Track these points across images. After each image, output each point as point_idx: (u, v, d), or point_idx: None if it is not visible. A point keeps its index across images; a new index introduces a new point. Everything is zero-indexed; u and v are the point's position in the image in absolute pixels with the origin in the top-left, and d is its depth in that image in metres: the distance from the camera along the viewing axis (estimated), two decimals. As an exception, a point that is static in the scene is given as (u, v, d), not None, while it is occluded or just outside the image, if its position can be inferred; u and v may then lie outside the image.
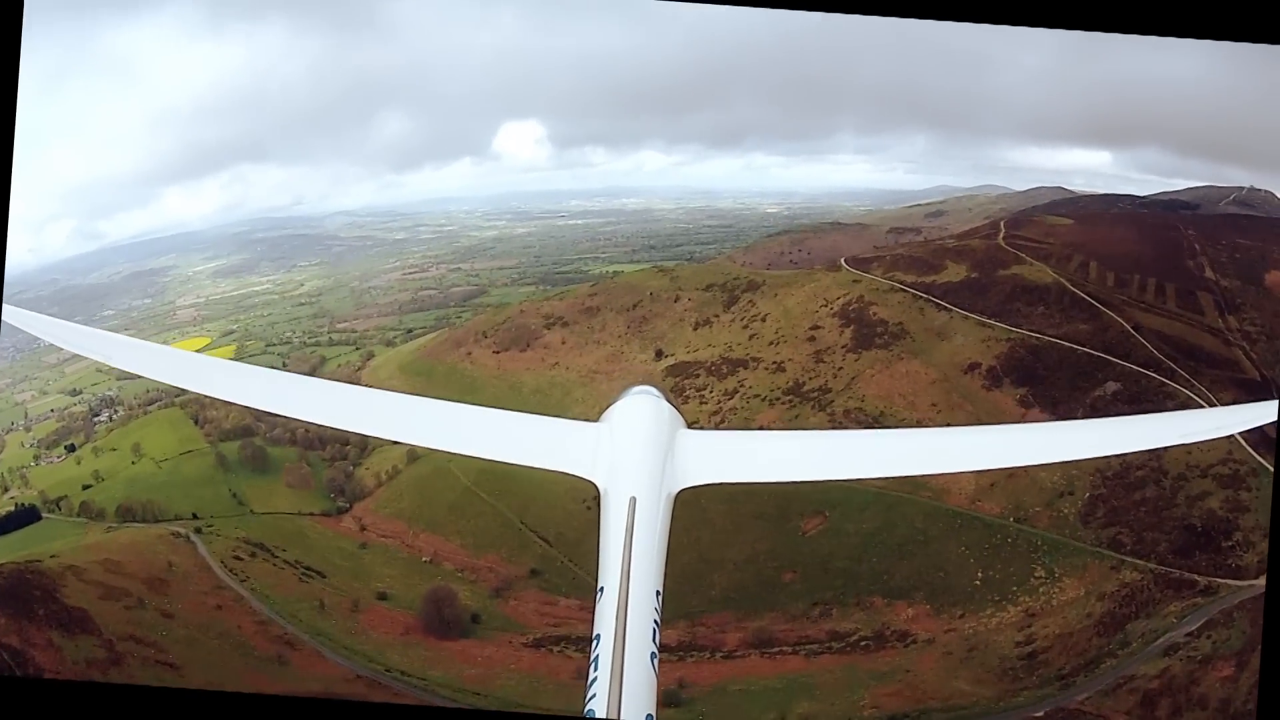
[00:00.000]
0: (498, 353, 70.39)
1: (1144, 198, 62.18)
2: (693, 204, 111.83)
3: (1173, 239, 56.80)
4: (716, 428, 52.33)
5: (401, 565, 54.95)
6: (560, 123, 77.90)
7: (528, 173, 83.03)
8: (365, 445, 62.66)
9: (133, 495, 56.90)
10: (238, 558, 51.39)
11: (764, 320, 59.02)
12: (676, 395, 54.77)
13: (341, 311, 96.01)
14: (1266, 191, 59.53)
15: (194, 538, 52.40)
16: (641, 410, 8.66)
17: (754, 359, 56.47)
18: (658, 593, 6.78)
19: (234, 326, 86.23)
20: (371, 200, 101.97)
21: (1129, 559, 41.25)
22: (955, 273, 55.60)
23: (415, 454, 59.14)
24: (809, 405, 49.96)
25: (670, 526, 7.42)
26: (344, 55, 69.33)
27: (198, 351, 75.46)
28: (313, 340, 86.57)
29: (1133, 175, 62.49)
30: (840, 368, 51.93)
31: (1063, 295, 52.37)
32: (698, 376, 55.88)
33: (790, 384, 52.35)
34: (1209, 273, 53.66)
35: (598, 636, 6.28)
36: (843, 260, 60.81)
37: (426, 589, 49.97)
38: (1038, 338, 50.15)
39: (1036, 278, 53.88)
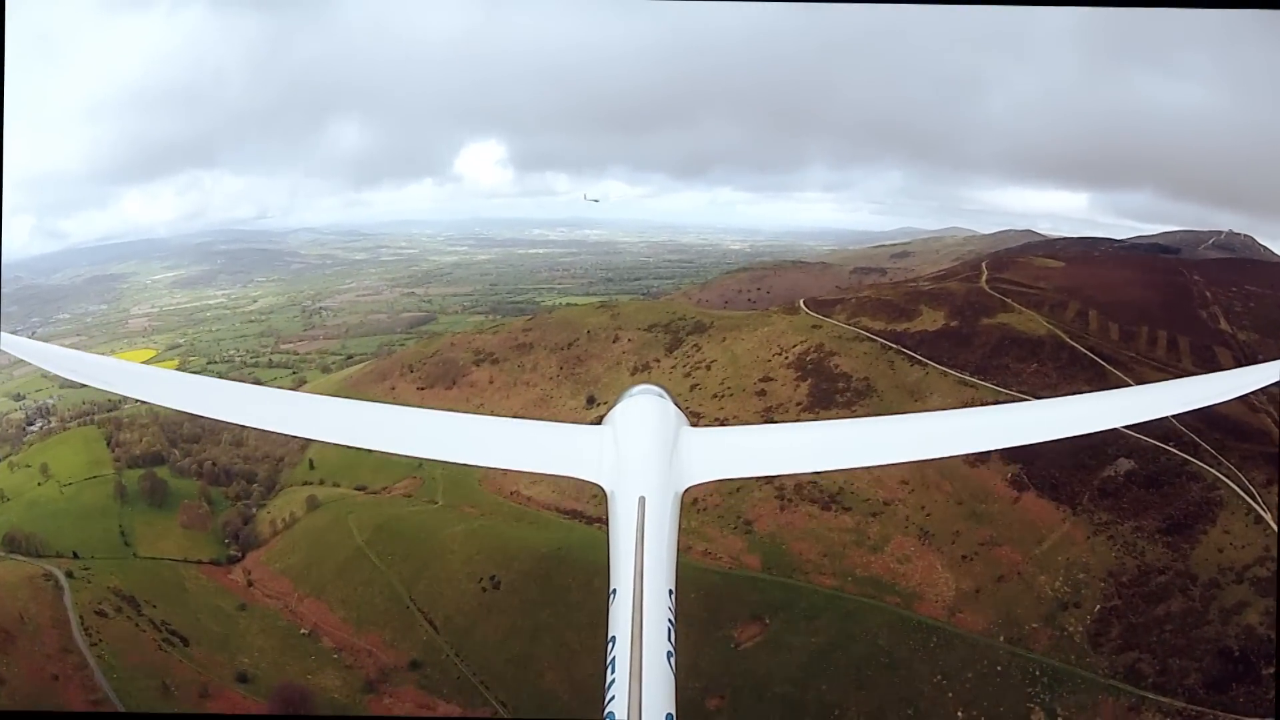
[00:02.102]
0: (422, 389, 61.74)
1: (1121, 241, 55.53)
2: (656, 237, 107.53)
3: (1179, 285, 46.72)
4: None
5: (278, 636, 45.42)
6: (521, 141, 74.75)
7: (492, 198, 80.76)
8: (272, 484, 54.89)
9: (24, 523, 49.79)
10: (100, 613, 42.44)
11: (709, 368, 47.83)
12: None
13: (289, 331, 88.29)
14: (1246, 236, 53.12)
15: (64, 582, 44.18)
16: (644, 410, 8.06)
17: (693, 414, 44.52)
18: (670, 592, 6.17)
19: (181, 340, 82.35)
20: (337, 218, 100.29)
21: (1152, 696, 30.29)
22: (931, 319, 44.22)
23: (316, 501, 51.33)
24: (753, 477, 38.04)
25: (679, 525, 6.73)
26: (288, 50, 65.30)
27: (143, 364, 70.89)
28: (253, 360, 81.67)
29: (1102, 219, 58.28)
30: (793, 430, 39.82)
31: (1059, 350, 41.25)
32: (629, 431, 43.91)
33: (733, 448, 40.21)
34: (1224, 324, 44.52)
35: (613, 639, 5.85)
36: (801, 301, 49.03)
37: (279, 684, 38.70)
38: (1032, 401, 38.22)
39: (1028, 328, 42.60)
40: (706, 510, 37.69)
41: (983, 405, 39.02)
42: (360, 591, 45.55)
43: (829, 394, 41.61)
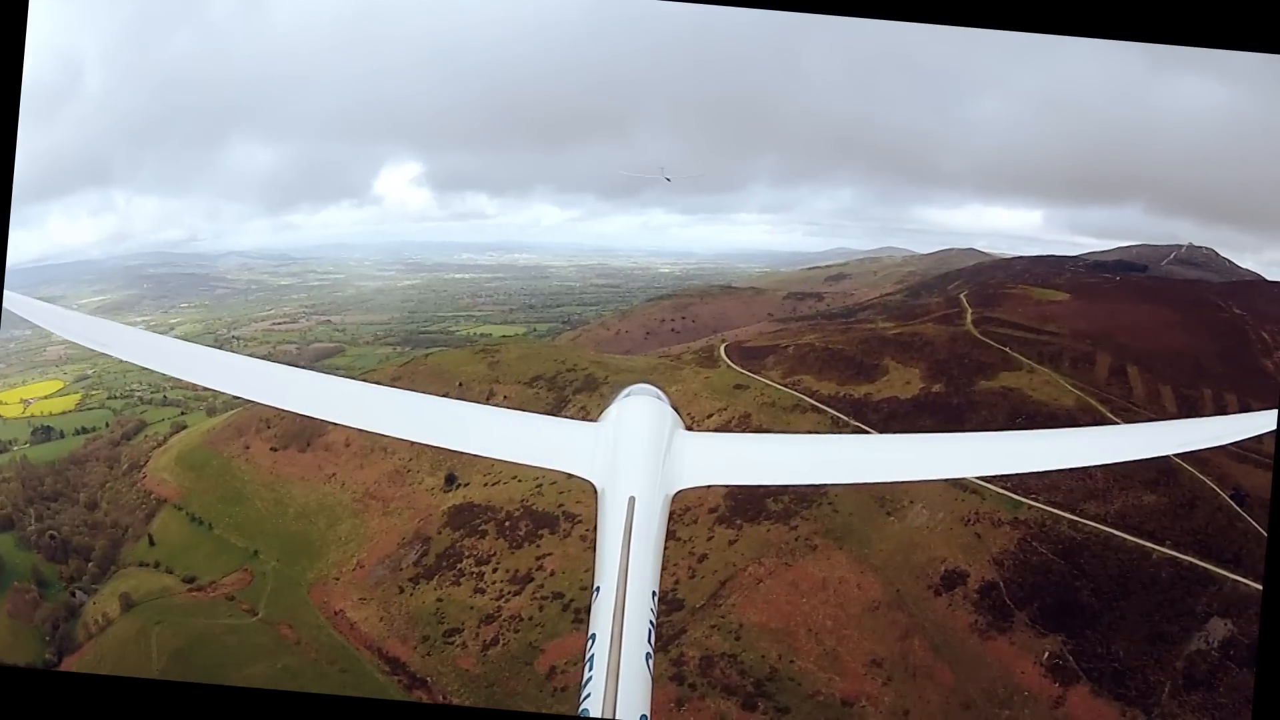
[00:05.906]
0: (275, 450, 48.93)
1: (1077, 258, 47.14)
2: (586, 261, 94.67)
3: (1224, 323, 33.31)
4: (488, 645, 24.05)
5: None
6: (436, 158, 69.19)
7: (422, 222, 75.59)
8: (110, 561, 44.67)
9: None
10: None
11: (595, 449, 31.15)
12: (448, 568, 33.05)
13: (194, 365, 73.95)
14: (1208, 249, 46.04)
15: None
16: (640, 410, 7.36)
17: (568, 516, 28.95)
18: (654, 593, 5.72)
19: (90, 371, 71.49)
20: (266, 242, 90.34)
21: None
22: (902, 380, 28.77)
23: (130, 601, 41.42)
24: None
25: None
26: (157, 49, 57.78)
27: (46, 398, 65.17)
28: (150, 398, 71.33)
29: (1048, 236, 56.04)
30: (702, 558, 23.53)
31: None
32: (484, 535, 28.95)
33: (611, 585, 23.61)
34: (1296, 376, 29.84)
35: (593, 636, 5.38)
36: (723, 349, 32.50)
37: None
38: (1073, 522, 21.80)
39: (1046, 395, 27.47)
40: (561, 692, 21.16)
41: (993, 520, 22.84)
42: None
43: (757, 500, 25.00)
